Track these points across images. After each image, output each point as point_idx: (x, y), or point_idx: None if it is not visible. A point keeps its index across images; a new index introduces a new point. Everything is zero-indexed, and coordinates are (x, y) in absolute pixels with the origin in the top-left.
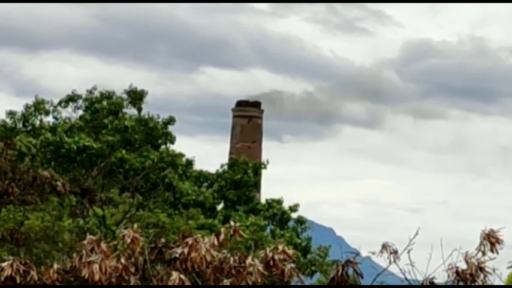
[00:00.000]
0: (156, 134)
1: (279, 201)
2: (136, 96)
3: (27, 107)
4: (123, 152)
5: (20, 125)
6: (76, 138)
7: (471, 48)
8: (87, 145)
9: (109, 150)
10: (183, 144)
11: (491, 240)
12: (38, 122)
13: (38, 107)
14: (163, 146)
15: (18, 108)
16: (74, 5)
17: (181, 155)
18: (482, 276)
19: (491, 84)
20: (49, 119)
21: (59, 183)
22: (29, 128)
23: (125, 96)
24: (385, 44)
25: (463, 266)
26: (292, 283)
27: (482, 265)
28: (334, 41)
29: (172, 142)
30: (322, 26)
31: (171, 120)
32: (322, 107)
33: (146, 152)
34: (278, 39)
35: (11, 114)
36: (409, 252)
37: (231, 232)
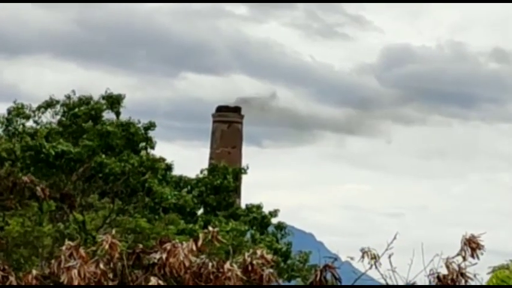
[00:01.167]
0: (137, 139)
1: (259, 207)
2: (113, 101)
3: (9, 111)
4: (103, 156)
5: (2, 129)
6: (54, 144)
7: (450, 53)
8: (65, 150)
9: (88, 155)
10: (163, 149)
11: (472, 245)
12: (20, 127)
13: (19, 111)
14: (143, 151)
15: None
16: (54, 10)
17: (162, 159)
18: (463, 281)
19: (471, 89)
20: (30, 124)
21: (38, 189)
22: (12, 132)
23: (102, 101)
24: (364, 49)
25: (444, 271)
26: None
27: (463, 270)
28: (314, 46)
29: (152, 147)
30: (301, 31)
31: (151, 126)
32: (302, 112)
33: (126, 156)
34: (258, 44)
35: None
36: (389, 257)
37: (210, 237)
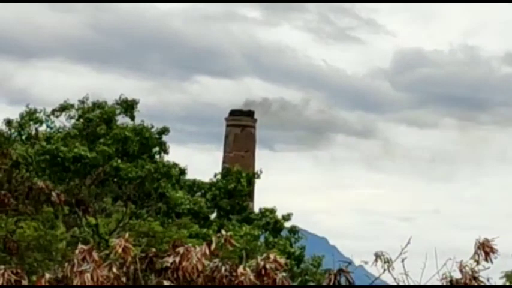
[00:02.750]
0: (151, 143)
1: (272, 211)
2: (127, 107)
3: (22, 116)
4: (119, 161)
5: (15, 134)
6: (71, 147)
7: (463, 57)
8: (82, 154)
9: (104, 160)
10: (176, 153)
11: (485, 249)
12: (33, 131)
13: (31, 116)
14: (157, 156)
15: (11, 116)
16: (67, 14)
17: (175, 165)
18: (476, 285)
19: (484, 93)
20: (43, 128)
21: (53, 194)
22: (24, 136)
23: (116, 106)
24: (377, 53)
25: (456, 275)
26: None
27: (477, 274)
28: (327, 49)
29: (166, 152)
30: (314, 35)
31: (165, 130)
32: (315, 116)
33: (142, 162)
34: (270, 48)
35: (8, 123)
36: (403, 261)
37: (223, 241)
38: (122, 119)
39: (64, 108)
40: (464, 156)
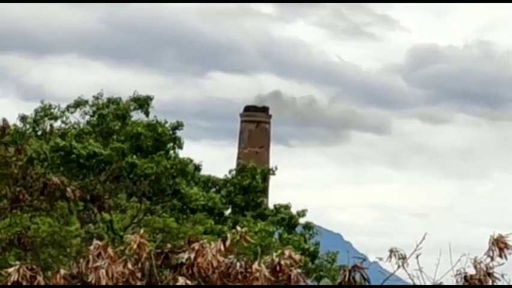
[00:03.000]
0: (164, 139)
1: (287, 207)
2: (142, 103)
3: (36, 111)
4: (134, 157)
5: (30, 130)
6: (86, 144)
7: (478, 52)
8: (97, 151)
9: (119, 157)
10: (190, 149)
11: (499, 245)
12: (48, 127)
13: (46, 112)
14: (171, 151)
15: (26, 112)
16: (81, 10)
17: (190, 161)
18: (490, 281)
19: (498, 89)
20: (58, 124)
21: (69, 190)
22: (39, 132)
23: (131, 102)
24: (391, 49)
25: (471, 271)
26: None
27: (491, 270)
28: (341, 45)
29: (180, 147)
30: (328, 31)
31: (178, 125)
32: (330, 112)
33: (158, 158)
34: (285, 44)
35: (23, 119)
36: (417, 257)
37: (238, 237)
38: (136, 115)
39: (78, 104)
40: (478, 152)
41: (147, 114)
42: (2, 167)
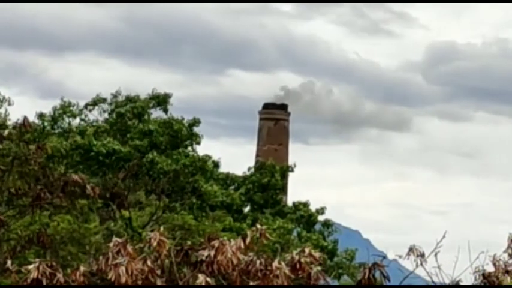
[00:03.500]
0: (181, 136)
1: (306, 204)
2: (160, 101)
3: (55, 109)
4: (154, 154)
5: (49, 127)
6: (105, 142)
7: (496, 50)
8: (116, 149)
9: (137, 154)
10: (208, 147)
11: None
12: (66, 125)
13: (65, 109)
14: (189, 148)
15: (44, 110)
16: (100, 8)
17: (209, 157)
18: (509, 279)
19: None
20: (76, 122)
21: (88, 187)
22: (58, 130)
23: (149, 100)
24: (410, 46)
25: (490, 268)
26: None
27: (510, 268)
28: (359, 43)
29: (198, 143)
30: (347, 28)
31: (195, 122)
32: (348, 109)
33: (177, 155)
34: (303, 41)
35: (41, 116)
36: (436, 255)
37: (257, 235)
38: (155, 113)
39: (97, 102)
40: (498, 149)
41: (165, 111)
42: (23, 165)
